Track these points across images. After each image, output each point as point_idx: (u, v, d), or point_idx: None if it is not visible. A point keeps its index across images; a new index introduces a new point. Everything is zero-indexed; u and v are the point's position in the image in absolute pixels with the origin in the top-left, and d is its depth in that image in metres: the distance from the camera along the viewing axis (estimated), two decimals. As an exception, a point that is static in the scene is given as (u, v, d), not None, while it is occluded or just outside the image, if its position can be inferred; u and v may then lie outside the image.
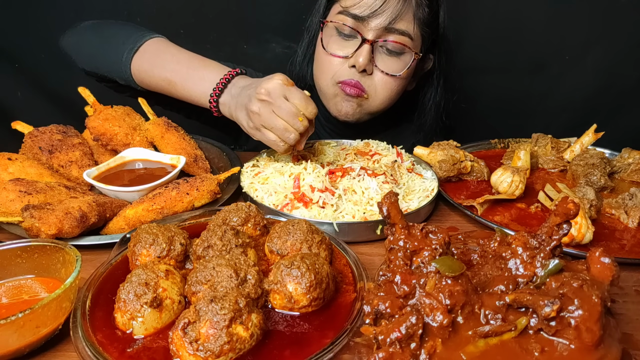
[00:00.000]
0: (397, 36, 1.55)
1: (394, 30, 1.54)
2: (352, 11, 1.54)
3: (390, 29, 1.54)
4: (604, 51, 2.31)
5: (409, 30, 1.56)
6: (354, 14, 1.54)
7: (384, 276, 0.81)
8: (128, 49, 1.48)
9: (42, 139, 1.35)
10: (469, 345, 0.72)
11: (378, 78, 1.62)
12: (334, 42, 1.62)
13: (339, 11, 1.58)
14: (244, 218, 1.04)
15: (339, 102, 1.67)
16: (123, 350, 0.77)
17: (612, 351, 0.72)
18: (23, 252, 0.92)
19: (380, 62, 1.59)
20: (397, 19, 1.52)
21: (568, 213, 0.80)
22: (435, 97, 1.82)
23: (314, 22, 1.74)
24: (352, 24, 1.56)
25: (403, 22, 1.54)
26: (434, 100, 1.82)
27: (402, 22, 1.54)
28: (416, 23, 1.57)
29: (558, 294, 0.73)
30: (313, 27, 1.75)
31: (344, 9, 1.56)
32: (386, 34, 1.55)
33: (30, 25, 2.23)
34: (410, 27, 1.56)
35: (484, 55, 2.38)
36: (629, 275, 1.10)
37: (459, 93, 2.01)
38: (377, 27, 1.53)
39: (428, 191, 1.35)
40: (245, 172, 1.41)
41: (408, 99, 1.82)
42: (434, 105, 1.83)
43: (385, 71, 1.60)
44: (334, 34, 1.62)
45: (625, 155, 1.64)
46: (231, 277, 0.82)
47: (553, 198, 1.35)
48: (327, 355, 0.76)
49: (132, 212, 1.17)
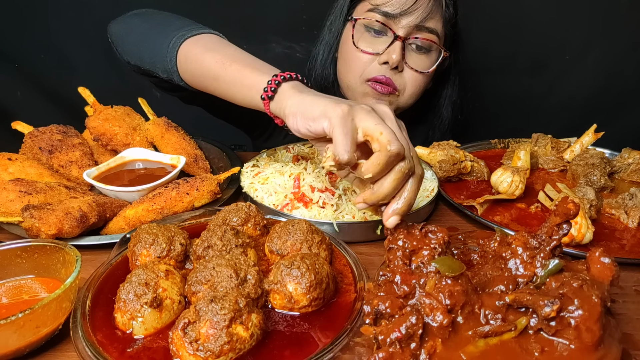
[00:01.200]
0: (427, 34, 1.57)
1: (423, 28, 1.56)
2: (384, 9, 1.55)
3: (421, 27, 1.55)
4: (604, 51, 2.31)
5: (438, 29, 1.58)
6: (385, 11, 1.55)
7: (384, 276, 0.81)
8: (179, 34, 1.27)
9: (42, 139, 1.35)
10: (469, 345, 0.72)
11: (408, 75, 1.62)
12: (363, 40, 1.62)
13: (368, 9, 1.59)
14: (244, 218, 1.04)
15: (369, 101, 1.65)
16: (123, 350, 0.77)
17: (612, 351, 0.72)
18: (23, 252, 0.92)
19: (410, 60, 1.60)
20: (428, 18, 1.54)
21: (568, 213, 0.80)
22: (452, 96, 1.83)
23: (337, 21, 1.73)
24: (383, 21, 1.57)
25: (433, 20, 1.56)
26: (450, 99, 1.84)
27: (431, 21, 1.56)
28: (443, 22, 1.59)
29: (558, 294, 0.73)
30: (337, 26, 1.74)
31: (374, 7, 1.57)
32: (416, 32, 1.56)
33: (31, 25, 2.23)
34: (439, 26, 1.58)
35: (484, 55, 2.38)
36: (629, 275, 1.10)
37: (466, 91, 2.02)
38: (408, 24, 1.54)
39: (428, 191, 1.35)
40: (245, 172, 1.41)
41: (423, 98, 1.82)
42: (450, 104, 1.84)
43: (415, 68, 1.61)
44: (363, 31, 1.62)
45: (625, 155, 1.64)
46: (231, 277, 0.82)
47: (553, 198, 1.35)
48: (327, 355, 0.76)
49: (132, 212, 1.18)
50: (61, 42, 2.26)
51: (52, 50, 2.28)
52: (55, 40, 2.26)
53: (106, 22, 2.28)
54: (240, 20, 2.27)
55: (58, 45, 2.26)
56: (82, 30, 2.25)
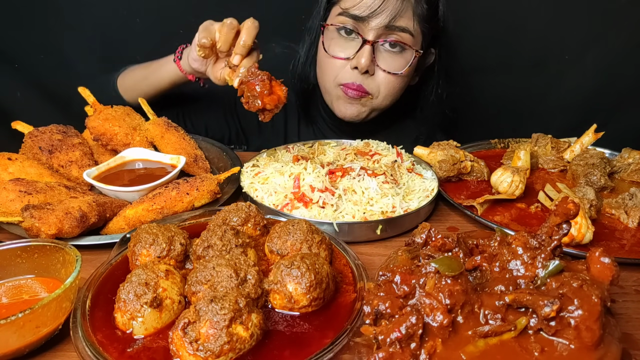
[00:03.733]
0: (398, 34, 1.56)
1: (394, 28, 1.55)
2: (352, 12, 1.54)
3: (391, 27, 1.54)
4: (604, 51, 2.31)
5: (409, 27, 1.56)
6: (354, 14, 1.54)
7: (384, 276, 0.81)
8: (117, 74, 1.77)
9: (42, 139, 1.35)
10: (469, 345, 0.72)
11: (381, 77, 1.63)
12: (335, 44, 1.63)
13: (339, 13, 1.59)
14: (244, 218, 1.04)
15: (342, 104, 1.69)
16: (123, 350, 0.77)
17: (612, 351, 0.72)
18: (23, 252, 0.92)
19: (382, 61, 1.60)
20: (397, 17, 1.53)
21: (568, 213, 0.80)
22: (437, 91, 1.83)
23: (315, 24, 1.75)
24: (352, 25, 1.56)
25: (403, 19, 1.55)
26: (437, 94, 1.83)
27: (402, 20, 1.54)
28: (416, 20, 1.57)
29: (558, 294, 0.73)
30: (314, 29, 1.76)
31: (344, 10, 1.57)
32: (387, 33, 1.56)
33: (30, 25, 2.23)
34: (411, 24, 1.56)
35: (484, 55, 2.38)
36: (629, 275, 1.10)
37: (461, 89, 2.01)
38: (377, 26, 1.53)
39: (428, 191, 1.35)
40: (245, 172, 1.41)
41: (411, 94, 1.83)
42: (436, 99, 1.84)
43: (387, 70, 1.61)
44: (335, 36, 1.63)
45: (625, 155, 1.64)
46: (231, 277, 0.82)
47: (553, 198, 1.35)
48: (327, 355, 0.76)
49: (132, 212, 1.17)
50: (61, 43, 2.26)
51: (51, 50, 2.27)
52: (55, 41, 2.26)
53: (106, 23, 2.29)
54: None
55: (58, 45, 2.26)
56: (82, 31, 2.25)
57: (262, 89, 1.24)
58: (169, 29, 2.28)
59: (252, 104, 1.26)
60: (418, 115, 1.91)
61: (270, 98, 1.25)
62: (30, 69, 2.28)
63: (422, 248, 0.86)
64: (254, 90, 1.24)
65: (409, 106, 1.88)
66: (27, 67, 2.28)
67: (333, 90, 1.68)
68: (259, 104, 1.25)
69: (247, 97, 1.26)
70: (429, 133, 1.90)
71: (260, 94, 1.24)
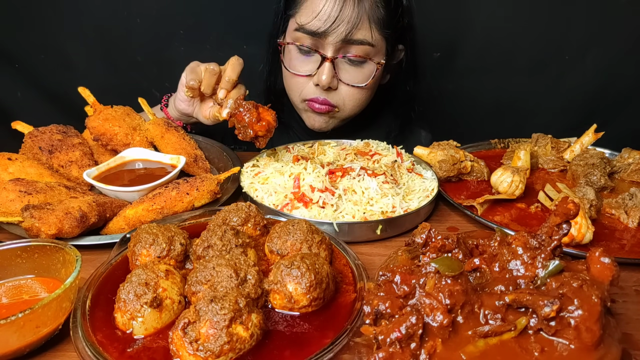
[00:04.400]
0: (357, 47, 1.53)
1: (352, 41, 1.52)
2: (308, 28, 1.51)
3: (349, 41, 1.52)
4: (603, 51, 2.31)
5: (368, 39, 1.53)
6: (311, 30, 1.51)
7: (384, 276, 0.81)
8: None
9: (42, 139, 1.35)
10: (469, 345, 0.72)
11: (344, 91, 1.62)
12: (295, 61, 1.62)
13: (295, 28, 1.56)
14: (244, 218, 1.04)
15: (310, 116, 1.71)
16: (123, 350, 0.77)
17: (612, 351, 0.72)
18: (23, 252, 0.92)
19: (345, 75, 1.59)
20: (354, 30, 1.50)
21: (568, 213, 0.80)
22: (406, 87, 1.84)
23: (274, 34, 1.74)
24: (309, 41, 1.54)
25: (361, 31, 1.51)
26: (405, 90, 1.84)
27: (359, 32, 1.51)
28: (374, 28, 1.53)
29: (558, 294, 0.73)
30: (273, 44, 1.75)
31: (300, 26, 1.54)
32: (346, 46, 1.53)
33: (30, 25, 2.23)
34: (369, 35, 1.53)
35: (483, 55, 2.38)
36: (629, 275, 1.10)
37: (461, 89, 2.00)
38: (334, 41, 1.51)
39: (428, 191, 1.35)
40: (245, 172, 1.41)
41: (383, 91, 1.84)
42: (406, 95, 1.85)
43: (350, 83, 1.60)
44: (294, 52, 1.61)
45: (625, 155, 1.64)
46: (231, 277, 0.82)
47: (553, 198, 1.35)
48: (327, 355, 0.76)
49: (132, 212, 1.17)
50: (61, 43, 2.26)
51: (52, 50, 2.28)
52: (55, 41, 2.26)
53: (106, 23, 2.29)
54: (240, 20, 2.27)
55: (58, 45, 2.26)
56: (82, 31, 2.26)
57: (251, 118, 1.30)
58: (169, 29, 2.28)
59: (245, 133, 1.32)
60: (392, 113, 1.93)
61: (260, 125, 1.31)
62: (30, 69, 2.28)
63: (422, 248, 0.86)
64: (243, 121, 1.30)
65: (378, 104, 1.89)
66: (27, 67, 2.28)
67: (300, 104, 1.71)
68: (250, 133, 1.31)
69: (238, 129, 1.33)
70: (401, 128, 1.92)
71: (249, 123, 1.30)
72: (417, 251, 0.88)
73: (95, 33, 2.27)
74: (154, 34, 2.28)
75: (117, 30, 2.26)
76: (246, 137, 1.32)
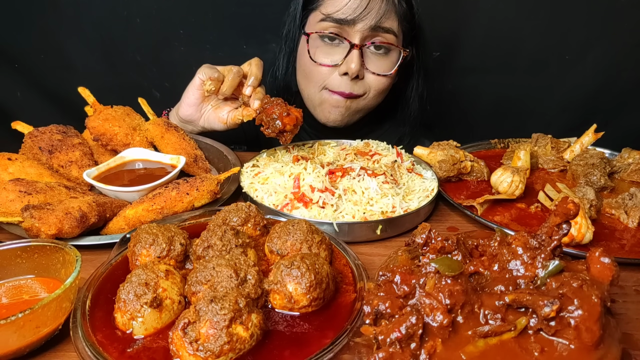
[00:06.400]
0: (384, 35, 1.57)
1: (379, 29, 1.55)
2: (337, 16, 1.53)
3: (376, 29, 1.55)
4: (604, 51, 2.31)
5: (394, 28, 1.58)
6: (339, 18, 1.53)
7: (384, 276, 0.81)
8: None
9: (42, 139, 1.35)
10: (469, 345, 0.72)
11: (370, 80, 1.64)
12: (320, 51, 1.62)
13: (321, 19, 1.57)
14: (244, 218, 1.04)
15: (326, 109, 1.69)
16: (123, 350, 0.77)
17: (612, 351, 0.72)
18: (23, 252, 0.92)
19: (371, 64, 1.61)
20: (382, 19, 1.54)
21: (568, 213, 0.80)
22: (417, 88, 1.85)
23: (291, 31, 1.74)
24: (337, 30, 1.56)
25: (388, 20, 1.56)
26: (417, 91, 1.85)
27: (387, 21, 1.56)
28: (398, 20, 1.59)
29: (558, 294, 0.73)
30: (292, 37, 1.75)
31: (326, 16, 1.55)
32: (372, 35, 1.56)
33: (30, 25, 2.23)
34: (395, 25, 1.58)
35: (484, 55, 2.38)
36: (629, 275, 1.10)
37: (461, 89, 1.99)
38: (363, 28, 1.53)
39: (428, 191, 1.35)
40: (245, 172, 1.41)
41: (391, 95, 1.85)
42: (417, 96, 1.86)
43: (376, 72, 1.61)
44: (319, 43, 1.62)
45: (625, 155, 1.64)
46: (231, 277, 0.82)
47: (553, 198, 1.35)
48: (327, 355, 0.76)
49: (132, 212, 1.17)
50: (61, 43, 2.27)
51: (52, 50, 2.28)
52: (55, 41, 2.26)
53: (105, 22, 2.29)
54: (240, 20, 2.27)
55: (58, 45, 2.27)
56: (81, 31, 2.26)
57: (281, 111, 1.32)
58: (169, 29, 2.29)
59: (273, 126, 1.33)
60: (399, 116, 1.92)
61: (289, 118, 1.33)
62: (30, 69, 2.28)
63: (422, 248, 0.86)
64: (272, 114, 1.33)
65: (388, 109, 1.90)
66: (27, 67, 2.28)
67: (317, 95, 1.68)
68: (279, 125, 1.33)
69: (266, 123, 1.34)
70: (412, 132, 1.92)
71: (279, 115, 1.32)
72: (417, 251, 0.88)
73: (95, 33, 2.27)
74: (154, 34, 2.28)
75: (117, 30, 2.27)
76: (273, 129, 1.33)
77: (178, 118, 1.58)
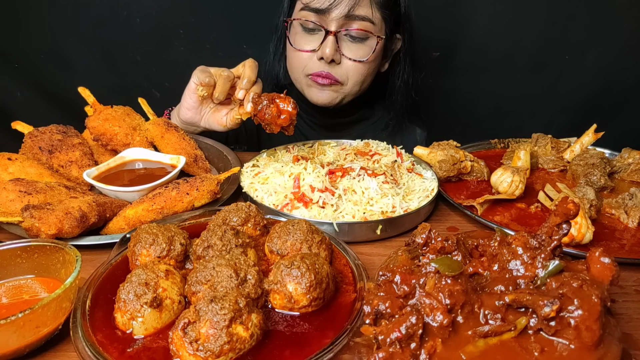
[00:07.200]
0: (359, 22, 1.64)
1: (354, 17, 1.62)
2: (313, 6, 1.63)
3: (351, 17, 1.62)
4: (603, 51, 2.31)
5: (369, 15, 1.64)
6: (315, 7, 1.62)
7: (384, 276, 0.81)
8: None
9: (42, 139, 1.35)
10: (469, 345, 0.72)
11: (347, 65, 1.71)
12: (300, 38, 1.72)
13: (301, 8, 1.67)
14: (244, 218, 1.04)
15: (314, 91, 1.77)
16: (123, 350, 0.77)
17: (612, 351, 0.72)
18: (23, 252, 0.92)
19: (347, 50, 1.68)
20: (356, 6, 1.61)
21: (568, 213, 0.80)
22: (403, 76, 1.90)
23: (280, 21, 1.84)
24: (314, 18, 1.65)
25: (362, 8, 1.63)
26: (403, 79, 1.90)
27: (361, 9, 1.62)
28: (375, 7, 1.65)
29: (558, 294, 0.73)
30: (280, 27, 1.85)
31: (305, 5, 1.65)
32: (348, 22, 1.64)
33: (30, 25, 2.23)
34: (370, 12, 1.64)
35: (484, 55, 2.38)
36: (629, 275, 1.10)
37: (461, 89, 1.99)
38: (338, 16, 1.61)
39: (428, 191, 1.35)
40: (245, 172, 1.41)
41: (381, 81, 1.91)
42: (403, 84, 1.91)
43: (352, 58, 1.69)
44: (299, 30, 1.71)
45: (625, 155, 1.64)
46: (231, 277, 0.82)
47: (553, 198, 1.35)
48: (327, 355, 0.76)
49: (132, 212, 1.17)
50: (61, 43, 2.26)
51: (51, 50, 2.28)
52: (55, 41, 2.26)
53: (105, 23, 2.29)
54: (240, 20, 2.27)
55: (57, 45, 2.27)
56: (81, 31, 2.26)
57: (271, 115, 1.33)
58: (169, 29, 2.28)
59: (271, 129, 1.36)
60: (386, 101, 1.98)
61: (282, 120, 1.34)
62: (30, 69, 2.28)
63: (422, 248, 0.87)
64: (265, 120, 1.34)
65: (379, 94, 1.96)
66: (27, 67, 2.28)
67: (303, 80, 1.77)
68: (275, 129, 1.36)
69: (264, 126, 1.37)
70: (397, 118, 1.97)
71: (272, 119, 1.33)
72: (417, 251, 0.88)
73: (95, 33, 2.27)
74: (153, 33, 2.28)
75: (117, 30, 2.27)
76: (273, 131, 1.36)
77: (179, 120, 1.60)
